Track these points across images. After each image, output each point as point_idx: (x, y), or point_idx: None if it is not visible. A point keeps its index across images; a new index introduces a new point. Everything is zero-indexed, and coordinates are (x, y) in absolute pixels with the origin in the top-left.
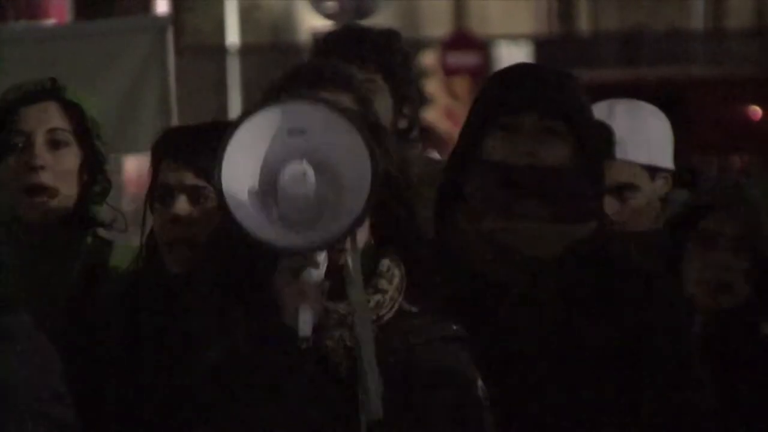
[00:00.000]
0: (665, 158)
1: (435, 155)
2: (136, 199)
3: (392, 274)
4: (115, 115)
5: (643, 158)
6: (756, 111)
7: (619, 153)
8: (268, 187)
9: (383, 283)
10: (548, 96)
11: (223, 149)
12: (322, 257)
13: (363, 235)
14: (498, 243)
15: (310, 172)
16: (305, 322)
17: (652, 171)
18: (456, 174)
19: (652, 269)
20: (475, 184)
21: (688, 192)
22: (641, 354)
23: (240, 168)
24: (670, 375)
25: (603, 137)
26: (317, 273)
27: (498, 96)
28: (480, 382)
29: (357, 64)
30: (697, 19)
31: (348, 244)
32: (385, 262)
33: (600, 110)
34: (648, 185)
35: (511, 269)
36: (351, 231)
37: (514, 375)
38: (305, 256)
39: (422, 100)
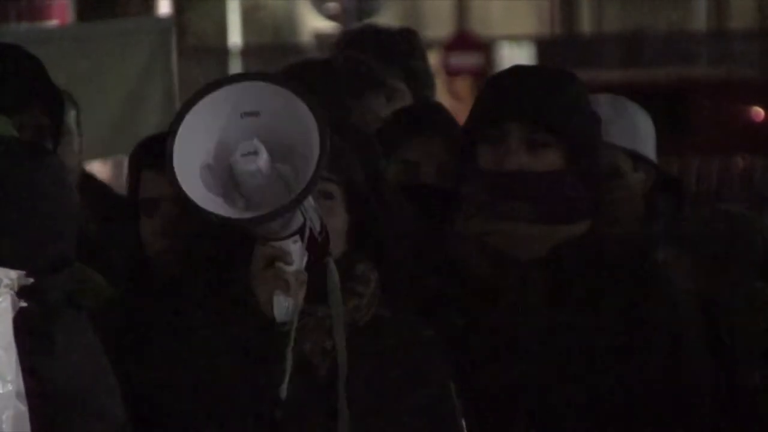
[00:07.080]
0: (648, 149)
1: None
2: None
3: (367, 278)
4: (118, 117)
5: (627, 143)
6: (758, 112)
7: (604, 137)
8: (222, 167)
9: (360, 288)
10: (533, 106)
11: (176, 128)
12: (296, 249)
13: (339, 242)
14: (486, 244)
15: (262, 149)
16: (281, 308)
17: (636, 160)
18: (455, 178)
19: (647, 269)
20: (467, 188)
21: (672, 198)
22: (635, 353)
23: (193, 147)
24: (667, 374)
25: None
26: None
27: (485, 106)
28: (453, 386)
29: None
30: (699, 20)
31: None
32: (360, 267)
33: None
34: (631, 175)
35: (499, 271)
36: (291, 207)
37: (504, 376)
38: (278, 247)
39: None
